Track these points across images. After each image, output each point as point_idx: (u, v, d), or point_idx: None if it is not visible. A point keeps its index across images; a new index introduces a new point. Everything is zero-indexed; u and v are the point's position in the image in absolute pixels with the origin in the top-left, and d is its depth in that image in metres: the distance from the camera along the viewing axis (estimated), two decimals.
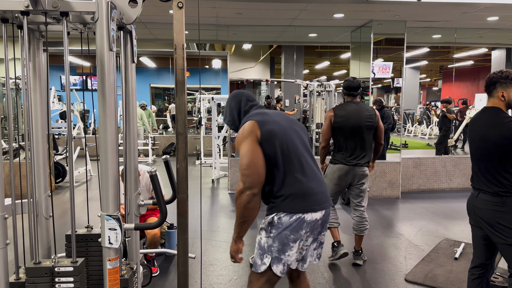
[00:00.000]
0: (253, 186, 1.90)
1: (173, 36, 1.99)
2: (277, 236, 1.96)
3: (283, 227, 1.95)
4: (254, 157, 1.92)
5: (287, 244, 1.96)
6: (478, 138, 2.28)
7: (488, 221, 2.21)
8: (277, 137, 1.98)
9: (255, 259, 2.03)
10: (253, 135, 1.96)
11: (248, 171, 1.90)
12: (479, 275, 2.39)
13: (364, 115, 3.41)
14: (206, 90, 14.08)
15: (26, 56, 1.74)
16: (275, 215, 1.97)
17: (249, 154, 1.92)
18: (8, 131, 1.82)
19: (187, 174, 2.10)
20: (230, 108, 2.21)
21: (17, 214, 1.81)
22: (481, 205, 2.25)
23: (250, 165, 1.91)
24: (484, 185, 2.24)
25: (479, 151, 2.28)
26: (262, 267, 1.98)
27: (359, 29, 6.48)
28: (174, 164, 2.08)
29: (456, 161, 6.66)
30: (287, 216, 1.95)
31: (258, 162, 1.92)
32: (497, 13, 5.59)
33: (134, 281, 1.98)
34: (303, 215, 1.95)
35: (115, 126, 1.68)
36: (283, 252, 1.96)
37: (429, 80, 23.71)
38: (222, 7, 5.37)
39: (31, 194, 1.80)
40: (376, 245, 4.09)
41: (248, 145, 1.93)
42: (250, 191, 1.89)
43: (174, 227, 3.75)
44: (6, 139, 5.67)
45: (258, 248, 2.02)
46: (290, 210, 1.95)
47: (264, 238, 2.00)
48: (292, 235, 1.95)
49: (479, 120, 2.32)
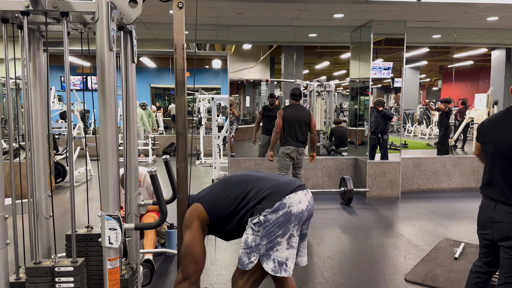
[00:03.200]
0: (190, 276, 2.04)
1: (173, 36, 1.99)
2: (265, 235, 1.94)
3: (270, 224, 1.94)
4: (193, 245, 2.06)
5: (275, 240, 1.94)
6: (508, 143, 1.97)
7: (507, 234, 2.00)
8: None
9: (241, 257, 2.00)
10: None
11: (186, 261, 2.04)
12: (485, 279, 2.28)
13: (302, 113, 5.04)
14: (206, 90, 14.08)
15: (26, 56, 1.74)
16: (259, 215, 1.96)
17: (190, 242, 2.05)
18: (8, 131, 1.82)
19: (187, 174, 2.10)
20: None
21: (17, 214, 1.81)
22: (501, 217, 2.01)
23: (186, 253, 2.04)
24: (509, 195, 1.97)
25: (509, 157, 1.97)
26: (250, 265, 1.97)
27: (359, 29, 6.48)
28: (174, 164, 2.08)
29: (456, 161, 6.66)
30: (272, 213, 1.94)
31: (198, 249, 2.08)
32: (497, 13, 5.59)
33: (134, 281, 1.98)
34: (283, 203, 1.95)
35: (115, 126, 1.68)
36: (272, 249, 1.95)
37: (429, 80, 23.71)
38: (222, 7, 5.37)
39: (31, 194, 1.80)
40: (376, 245, 4.09)
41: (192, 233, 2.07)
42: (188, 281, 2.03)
43: (174, 227, 3.76)
44: (6, 139, 5.66)
45: (244, 246, 1.99)
46: (271, 204, 1.95)
47: (251, 236, 1.97)
48: (280, 231, 1.94)
49: (509, 122, 2.01)
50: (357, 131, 6.90)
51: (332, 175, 6.39)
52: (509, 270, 2.07)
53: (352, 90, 7.23)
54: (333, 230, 4.59)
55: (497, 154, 2.05)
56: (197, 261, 2.00)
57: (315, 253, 3.85)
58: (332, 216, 5.16)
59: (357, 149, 6.82)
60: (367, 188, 6.08)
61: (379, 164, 6.17)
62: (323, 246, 4.04)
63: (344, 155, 7.30)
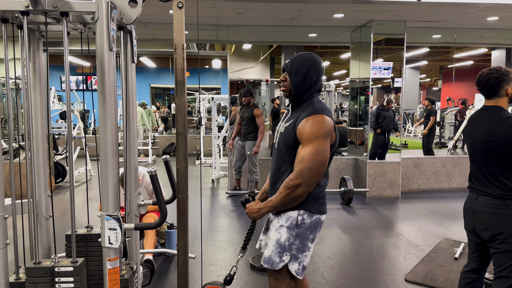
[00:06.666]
0: (311, 186, 1.89)
1: (173, 36, 1.99)
2: (299, 235, 1.96)
3: (305, 226, 1.96)
4: (326, 159, 1.89)
5: (306, 244, 1.97)
6: (480, 139, 2.17)
7: (487, 225, 2.13)
8: (335, 144, 1.98)
9: (271, 257, 1.98)
10: (330, 136, 1.91)
11: (316, 171, 1.86)
12: (474, 279, 2.33)
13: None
14: (206, 90, 14.09)
15: (26, 56, 1.74)
16: (298, 215, 1.95)
17: (324, 155, 1.87)
18: (8, 131, 1.82)
19: (187, 174, 2.10)
20: (307, 73, 1.96)
21: (17, 214, 1.81)
22: (481, 208, 2.16)
23: (321, 167, 1.87)
24: (487, 187, 2.14)
25: (481, 152, 2.17)
26: (280, 264, 1.97)
27: (359, 29, 6.48)
28: (174, 164, 2.08)
29: (456, 161, 6.66)
30: (309, 216, 1.96)
31: (325, 165, 1.91)
32: (497, 13, 5.59)
33: (134, 281, 1.98)
34: (320, 217, 1.99)
35: (115, 126, 1.68)
36: (301, 252, 1.97)
37: (429, 80, 23.71)
38: (222, 7, 5.37)
39: (31, 194, 1.80)
40: (376, 245, 4.09)
41: (325, 146, 1.87)
42: (306, 189, 1.87)
43: (174, 227, 3.76)
44: (6, 139, 5.66)
45: (277, 246, 1.97)
46: (312, 210, 1.96)
47: (286, 235, 1.96)
48: (311, 235, 1.98)
49: (479, 120, 2.22)
50: (357, 131, 6.90)
51: (332, 175, 6.39)
52: (500, 263, 2.12)
53: (352, 90, 7.23)
54: (333, 230, 4.59)
55: (473, 150, 2.25)
56: (321, 175, 1.91)
57: (315, 253, 3.85)
58: (332, 216, 5.15)
59: (357, 149, 6.82)
60: (367, 188, 6.08)
61: (379, 164, 6.18)
62: (323, 246, 4.04)
63: (344, 155, 7.31)
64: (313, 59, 1.99)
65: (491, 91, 2.18)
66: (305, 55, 2.00)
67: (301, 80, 1.96)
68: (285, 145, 1.97)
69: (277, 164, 2.04)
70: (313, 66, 1.97)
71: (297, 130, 1.89)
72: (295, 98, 2.00)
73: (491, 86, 2.17)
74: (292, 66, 1.98)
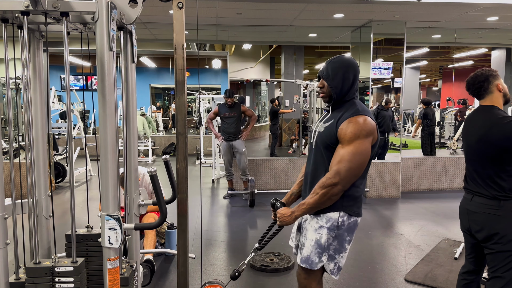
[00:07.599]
0: (347, 185, 1.90)
1: (173, 36, 1.99)
2: (338, 237, 1.97)
3: (344, 228, 1.97)
4: (365, 161, 1.90)
5: (344, 245, 1.99)
6: (475, 139, 2.15)
7: (481, 225, 2.11)
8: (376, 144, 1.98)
9: (309, 257, 2.00)
10: (372, 137, 1.91)
11: (354, 171, 1.87)
12: (471, 281, 2.33)
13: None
14: (206, 90, 14.08)
15: (26, 56, 1.74)
16: (339, 216, 1.96)
17: (364, 156, 1.88)
18: (8, 131, 1.82)
19: (187, 174, 2.10)
20: (344, 74, 1.97)
21: (17, 214, 1.81)
22: (476, 208, 2.14)
23: (360, 167, 1.89)
24: (482, 188, 2.12)
25: (476, 153, 2.16)
26: (319, 264, 2.00)
27: (359, 29, 6.48)
28: (174, 164, 2.08)
29: (456, 161, 6.66)
30: (348, 218, 1.97)
31: (364, 166, 1.92)
32: (497, 13, 5.59)
33: (134, 280, 1.98)
34: (357, 219, 2.01)
35: (115, 126, 1.68)
36: (339, 252, 1.99)
37: (429, 80, 23.71)
38: (222, 7, 5.37)
39: (31, 194, 1.80)
40: (376, 245, 4.09)
41: (367, 146, 1.88)
42: (342, 188, 1.88)
43: (174, 227, 3.76)
44: (6, 139, 5.67)
45: (316, 246, 1.99)
46: (351, 212, 1.97)
47: (326, 236, 1.97)
48: (348, 237, 1.99)
49: (475, 120, 2.20)
50: None
51: None
52: (494, 264, 2.12)
53: None
54: None
55: (469, 150, 2.24)
56: (358, 176, 1.91)
57: None
58: None
59: None
60: (367, 188, 6.08)
61: (379, 164, 6.18)
62: None
63: None
64: (347, 60, 2.02)
65: (480, 88, 2.15)
66: (338, 59, 2.02)
67: (340, 83, 1.97)
68: (324, 145, 1.98)
69: (315, 163, 2.05)
70: (348, 67, 1.99)
71: (338, 130, 1.91)
72: (337, 101, 2.01)
73: (479, 82, 2.15)
74: (328, 71, 2.00)
